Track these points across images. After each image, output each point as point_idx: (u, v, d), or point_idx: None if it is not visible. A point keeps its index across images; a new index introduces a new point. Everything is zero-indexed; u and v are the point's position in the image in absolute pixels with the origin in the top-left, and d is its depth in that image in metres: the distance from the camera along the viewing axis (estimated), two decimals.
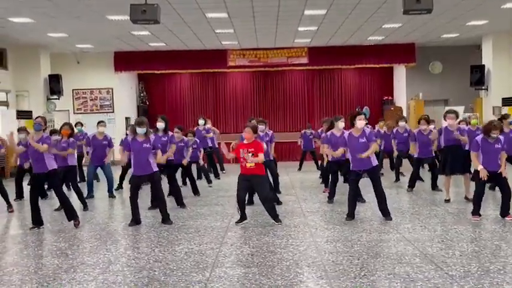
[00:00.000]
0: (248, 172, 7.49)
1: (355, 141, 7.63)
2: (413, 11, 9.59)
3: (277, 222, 7.55)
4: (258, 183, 7.55)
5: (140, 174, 7.73)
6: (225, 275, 5.17)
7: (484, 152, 7.42)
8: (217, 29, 15.19)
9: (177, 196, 9.33)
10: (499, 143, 7.40)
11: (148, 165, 7.69)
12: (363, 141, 7.60)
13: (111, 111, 19.14)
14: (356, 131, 7.67)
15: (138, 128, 7.72)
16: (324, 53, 18.96)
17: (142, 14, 9.48)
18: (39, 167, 7.69)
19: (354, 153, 7.60)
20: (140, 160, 7.67)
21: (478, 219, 7.45)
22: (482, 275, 4.95)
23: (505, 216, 7.41)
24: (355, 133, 7.67)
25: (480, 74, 17.20)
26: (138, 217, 7.84)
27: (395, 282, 4.78)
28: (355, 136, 7.67)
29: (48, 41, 16.18)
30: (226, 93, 21.47)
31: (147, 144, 7.68)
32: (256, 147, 7.50)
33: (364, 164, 7.60)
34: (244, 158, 7.46)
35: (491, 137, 7.35)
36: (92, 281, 5.07)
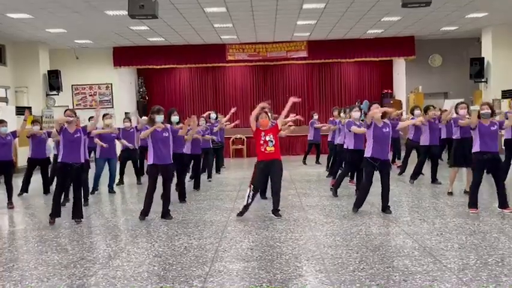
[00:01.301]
0: (268, 157, 7.48)
1: (380, 130, 7.62)
2: (412, 4, 9.60)
3: (277, 216, 7.57)
4: (275, 172, 7.53)
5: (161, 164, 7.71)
6: (224, 269, 5.19)
7: (481, 135, 7.50)
8: (216, 24, 15.17)
9: (182, 190, 9.35)
10: (494, 125, 7.53)
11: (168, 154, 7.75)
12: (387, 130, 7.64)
13: (110, 106, 19.12)
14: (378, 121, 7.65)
15: (157, 116, 7.70)
16: (323, 47, 18.95)
17: (141, 9, 9.47)
18: (75, 157, 7.64)
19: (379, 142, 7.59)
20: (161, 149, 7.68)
21: (477, 211, 7.47)
22: (480, 267, 4.97)
23: (504, 209, 7.45)
24: (379, 123, 7.66)
25: (480, 67, 17.18)
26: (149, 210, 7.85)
27: (394, 275, 4.80)
28: (379, 126, 7.65)
29: (46, 37, 16.17)
30: (226, 88, 21.45)
31: (166, 133, 7.73)
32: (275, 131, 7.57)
33: (384, 154, 7.61)
34: (266, 141, 7.44)
35: (484, 114, 7.45)
36: (92, 276, 5.09)
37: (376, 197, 8.06)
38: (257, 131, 7.58)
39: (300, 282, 4.76)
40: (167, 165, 7.78)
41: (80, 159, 7.70)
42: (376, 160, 7.63)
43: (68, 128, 7.68)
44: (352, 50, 19.06)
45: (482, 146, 7.49)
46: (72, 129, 7.71)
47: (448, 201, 8.50)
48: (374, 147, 7.64)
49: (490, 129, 7.51)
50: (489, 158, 7.46)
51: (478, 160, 7.57)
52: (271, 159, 7.50)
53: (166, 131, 7.80)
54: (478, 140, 7.54)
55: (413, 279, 4.68)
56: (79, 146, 7.69)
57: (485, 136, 7.49)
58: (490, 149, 7.47)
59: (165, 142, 7.74)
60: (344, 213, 7.77)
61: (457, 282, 4.57)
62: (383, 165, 7.66)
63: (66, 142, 7.64)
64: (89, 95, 19.34)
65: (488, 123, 7.53)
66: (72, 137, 7.65)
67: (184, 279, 4.92)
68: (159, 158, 7.71)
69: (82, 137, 7.78)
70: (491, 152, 7.47)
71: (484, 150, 7.47)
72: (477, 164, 7.60)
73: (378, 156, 7.61)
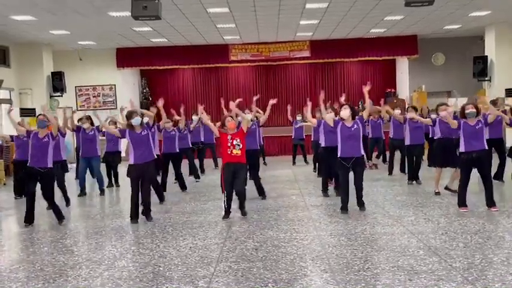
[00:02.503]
0: (234, 160, 7.55)
1: (347, 129, 7.73)
2: (415, 3, 9.60)
3: (244, 215, 7.65)
4: (240, 175, 7.61)
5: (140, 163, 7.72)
6: (229, 269, 5.20)
7: (466, 135, 7.53)
8: (218, 24, 15.18)
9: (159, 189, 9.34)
10: (479, 123, 7.53)
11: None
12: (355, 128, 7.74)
13: (114, 107, 19.16)
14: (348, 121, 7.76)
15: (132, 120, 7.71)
16: (326, 46, 18.94)
17: (144, 10, 9.50)
18: (44, 161, 7.69)
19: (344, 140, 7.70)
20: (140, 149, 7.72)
21: (467, 209, 7.51)
22: (485, 266, 4.97)
23: (491, 207, 7.50)
24: (347, 123, 7.75)
25: (483, 65, 17.14)
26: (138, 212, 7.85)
27: (399, 275, 4.80)
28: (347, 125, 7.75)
29: (50, 39, 16.22)
30: (229, 88, 21.44)
31: (144, 132, 7.77)
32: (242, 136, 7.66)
33: (354, 152, 7.68)
34: (233, 144, 7.52)
35: (468, 113, 7.48)
36: (98, 277, 5.11)
37: (380, 196, 8.06)
38: (223, 135, 7.65)
39: (305, 282, 4.77)
40: (148, 163, 7.76)
41: (47, 164, 7.71)
42: (346, 159, 7.67)
43: (39, 133, 7.75)
44: (355, 50, 19.05)
45: (466, 146, 7.53)
46: (43, 134, 7.76)
47: (452, 201, 8.47)
48: (342, 147, 7.73)
49: (474, 128, 7.53)
50: (475, 157, 7.47)
51: (464, 160, 7.60)
52: (237, 162, 7.55)
53: (145, 130, 7.81)
54: (462, 140, 7.59)
55: (419, 278, 4.68)
56: (46, 151, 7.71)
57: (470, 136, 7.51)
58: (475, 148, 7.47)
59: (144, 141, 7.74)
60: (348, 213, 7.76)
61: (462, 281, 4.57)
62: (354, 164, 7.70)
63: (34, 146, 7.73)
64: (93, 96, 19.40)
65: (474, 122, 7.55)
66: (40, 142, 7.70)
67: (189, 279, 4.93)
68: (139, 158, 7.71)
69: (50, 141, 7.81)
70: (476, 151, 7.47)
71: (468, 150, 7.50)
72: (462, 164, 7.64)
73: (347, 155, 7.66)
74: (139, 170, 7.72)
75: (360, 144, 7.80)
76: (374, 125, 12.92)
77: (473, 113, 7.54)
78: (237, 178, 7.61)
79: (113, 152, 11.56)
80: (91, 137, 10.60)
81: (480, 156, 7.49)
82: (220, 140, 7.78)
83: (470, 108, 7.57)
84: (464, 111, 7.60)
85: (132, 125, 7.72)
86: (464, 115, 7.59)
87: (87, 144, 10.60)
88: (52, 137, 7.83)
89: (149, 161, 7.79)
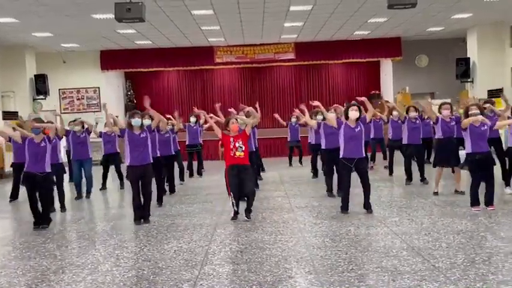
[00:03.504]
0: (237, 162, 7.53)
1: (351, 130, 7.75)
2: (398, 6, 9.67)
3: (248, 217, 7.59)
4: (246, 177, 7.58)
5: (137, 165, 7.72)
6: (214, 272, 5.19)
7: (472, 135, 7.57)
8: (203, 26, 15.17)
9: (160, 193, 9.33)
10: (484, 125, 7.58)
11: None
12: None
13: (98, 110, 19.03)
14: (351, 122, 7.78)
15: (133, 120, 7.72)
16: (310, 49, 19.03)
17: (127, 12, 9.45)
18: (41, 166, 7.64)
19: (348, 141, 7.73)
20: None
21: (479, 209, 7.54)
22: (468, 266, 5.01)
23: (488, 206, 7.57)
24: (351, 123, 7.77)
25: (465, 67, 17.34)
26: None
27: (382, 275, 4.83)
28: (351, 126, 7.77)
29: (33, 41, 16.07)
30: (214, 90, 21.44)
31: (143, 135, 7.75)
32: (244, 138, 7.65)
33: (357, 153, 7.70)
34: (236, 146, 7.50)
35: (473, 114, 7.50)
36: (81, 282, 5.06)
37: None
38: (225, 137, 7.65)
39: (289, 284, 4.77)
40: (146, 166, 7.75)
41: (45, 169, 7.66)
42: (349, 160, 7.70)
43: (35, 138, 7.68)
44: (339, 52, 19.16)
45: (474, 147, 7.58)
46: (39, 139, 7.69)
47: (435, 201, 8.56)
48: (345, 147, 7.75)
49: (480, 130, 7.58)
50: (481, 158, 7.54)
51: (471, 161, 7.66)
52: (241, 164, 7.54)
53: (144, 132, 7.79)
54: (469, 141, 7.62)
55: (402, 279, 4.71)
56: (44, 155, 7.66)
57: (477, 137, 7.56)
58: (482, 149, 7.55)
59: (142, 143, 7.72)
60: (333, 214, 7.80)
61: (444, 281, 4.61)
62: (358, 164, 7.72)
63: (31, 152, 7.67)
64: (77, 98, 19.25)
65: (479, 123, 7.59)
66: (37, 147, 7.65)
67: (173, 283, 4.91)
68: (136, 160, 7.69)
69: (48, 146, 7.74)
70: (482, 153, 7.55)
71: (476, 151, 7.56)
72: (471, 165, 7.70)
73: (350, 156, 7.70)
74: (138, 172, 7.71)
75: (363, 145, 7.83)
76: (376, 125, 12.80)
77: (478, 114, 7.57)
78: (245, 180, 7.59)
79: (113, 154, 11.59)
80: (82, 139, 10.55)
81: (486, 157, 7.56)
82: (223, 142, 7.78)
83: (474, 109, 7.58)
84: (468, 112, 7.62)
85: (132, 124, 7.71)
86: (467, 114, 7.62)
87: (78, 147, 10.55)
88: (49, 141, 7.78)
89: (146, 164, 7.75)
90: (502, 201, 8.37)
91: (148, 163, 7.79)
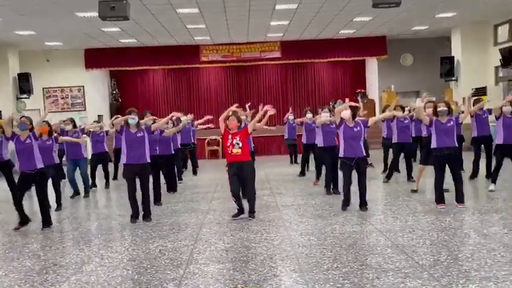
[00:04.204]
0: (235, 159, 7.51)
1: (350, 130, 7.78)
2: (383, 5, 9.73)
3: (252, 217, 7.58)
4: (246, 175, 7.56)
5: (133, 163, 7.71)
6: (199, 271, 5.18)
7: (438, 132, 7.68)
8: (188, 25, 15.11)
9: (157, 193, 9.31)
10: (451, 121, 7.70)
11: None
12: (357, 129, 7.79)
13: (82, 109, 18.91)
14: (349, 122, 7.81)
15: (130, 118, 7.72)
16: (296, 47, 19.05)
17: (112, 10, 9.39)
18: (29, 164, 7.54)
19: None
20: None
21: (444, 206, 7.66)
22: (451, 262, 5.06)
23: (459, 203, 7.67)
24: (349, 123, 7.80)
25: (450, 65, 17.50)
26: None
27: (367, 273, 4.86)
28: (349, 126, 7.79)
29: (16, 39, 15.88)
30: (200, 89, 21.41)
31: (140, 134, 7.74)
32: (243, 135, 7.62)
33: (357, 152, 7.75)
34: (233, 144, 7.48)
35: (440, 112, 7.65)
36: (65, 282, 5.02)
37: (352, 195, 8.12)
38: (225, 132, 7.63)
39: (274, 282, 4.78)
40: (143, 164, 7.73)
41: (36, 165, 7.56)
42: (349, 159, 7.73)
43: (20, 136, 7.60)
44: (325, 50, 19.21)
45: (438, 142, 7.69)
46: (24, 136, 7.61)
47: (420, 199, 8.63)
48: (345, 147, 7.79)
49: (446, 126, 7.69)
50: (447, 153, 7.62)
51: (436, 156, 7.75)
52: (239, 161, 7.51)
53: (141, 131, 7.77)
54: (434, 137, 7.74)
55: (386, 276, 4.74)
56: (32, 152, 7.55)
57: (442, 132, 7.67)
58: (447, 144, 7.63)
59: (139, 142, 7.71)
60: (318, 213, 7.83)
61: (428, 278, 4.64)
62: (357, 163, 7.76)
63: (18, 150, 7.59)
64: (61, 97, 19.07)
65: (445, 120, 7.71)
66: (23, 144, 7.55)
67: (158, 282, 4.89)
68: (132, 158, 7.68)
69: (33, 142, 7.62)
70: (447, 148, 7.62)
71: (440, 146, 7.66)
72: (435, 160, 7.79)
73: (350, 155, 7.73)
74: (134, 170, 7.71)
75: (361, 145, 7.84)
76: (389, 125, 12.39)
77: (445, 111, 7.68)
78: (245, 180, 7.59)
79: (101, 153, 11.58)
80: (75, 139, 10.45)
81: (451, 153, 7.63)
82: (222, 139, 7.80)
83: (442, 106, 7.72)
84: (436, 109, 7.75)
85: (128, 122, 7.72)
86: (436, 113, 7.75)
87: (72, 146, 10.46)
88: (34, 138, 7.65)
89: (142, 163, 7.72)
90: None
91: (145, 162, 7.76)
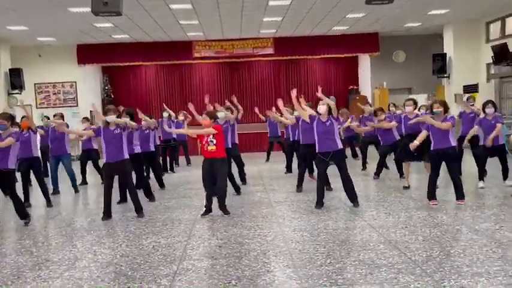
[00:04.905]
0: (209, 155, 7.60)
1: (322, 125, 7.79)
2: (376, 1, 9.73)
3: (226, 213, 7.60)
4: (218, 168, 7.60)
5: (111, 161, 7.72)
6: (192, 267, 5.18)
7: (433, 133, 7.71)
8: (181, 20, 15.07)
9: (146, 187, 9.30)
10: (445, 121, 7.68)
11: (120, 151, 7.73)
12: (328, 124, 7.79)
13: (75, 105, 18.81)
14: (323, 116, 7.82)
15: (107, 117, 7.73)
16: (289, 44, 19.05)
17: (104, 5, 9.30)
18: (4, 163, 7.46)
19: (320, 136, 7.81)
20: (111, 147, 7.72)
21: (436, 202, 7.71)
22: (443, 258, 5.10)
23: (457, 200, 7.72)
24: (323, 118, 7.82)
25: (442, 63, 17.56)
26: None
27: (360, 269, 4.88)
28: (322, 121, 7.82)
29: (7, 34, 15.76)
30: (193, 85, 21.34)
31: (117, 131, 7.73)
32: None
33: (332, 146, 7.74)
34: (207, 141, 7.58)
35: (435, 113, 7.67)
36: (58, 278, 5.01)
37: (342, 192, 8.17)
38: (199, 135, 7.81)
39: (268, 278, 4.79)
40: (122, 161, 7.72)
41: (7, 165, 7.48)
42: (324, 154, 7.76)
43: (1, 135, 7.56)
44: (318, 47, 19.21)
45: (434, 144, 7.72)
46: (5, 135, 7.55)
47: (412, 195, 8.68)
48: (319, 142, 7.82)
49: None
50: (442, 153, 7.64)
51: (431, 155, 7.80)
52: (212, 157, 7.58)
53: (118, 128, 7.76)
54: (431, 138, 7.77)
55: (379, 272, 4.77)
56: (8, 152, 7.46)
57: (437, 133, 7.68)
58: (442, 145, 7.64)
59: (116, 139, 7.70)
60: (311, 209, 7.84)
61: (420, 273, 4.68)
62: (334, 157, 7.77)
63: None
64: (53, 93, 18.96)
65: (441, 120, 7.71)
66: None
67: (152, 278, 4.89)
68: (111, 156, 7.69)
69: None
70: (443, 149, 7.64)
71: (436, 147, 7.68)
72: (431, 159, 7.86)
73: (324, 149, 7.75)
74: (112, 168, 7.72)
75: (336, 138, 7.80)
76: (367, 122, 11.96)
77: (440, 112, 7.69)
78: (216, 175, 7.60)
79: (91, 150, 11.64)
80: (60, 135, 10.38)
81: (446, 153, 7.65)
82: (199, 137, 7.84)
83: (437, 107, 7.71)
84: (432, 110, 7.78)
85: (107, 121, 7.73)
86: (432, 111, 7.79)
87: (56, 142, 10.42)
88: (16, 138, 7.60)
89: (121, 160, 7.71)
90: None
91: (123, 159, 7.74)
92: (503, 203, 7.73)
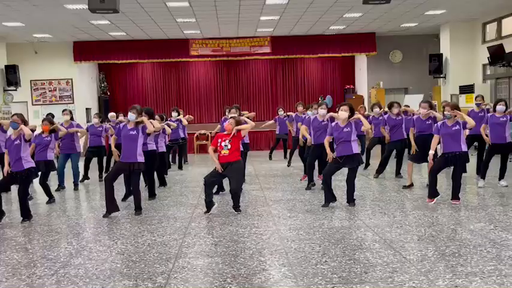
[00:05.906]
0: (222, 160, 7.60)
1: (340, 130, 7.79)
2: (373, 1, 9.74)
3: (238, 211, 7.63)
4: (231, 170, 7.60)
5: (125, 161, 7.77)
6: (188, 265, 5.19)
7: (442, 136, 7.73)
8: (178, 18, 15.04)
9: (151, 186, 9.31)
10: (457, 125, 7.68)
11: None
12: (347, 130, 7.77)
13: (71, 102, 18.76)
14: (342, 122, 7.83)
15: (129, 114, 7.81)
16: (286, 43, 19.04)
17: (101, 2, 9.29)
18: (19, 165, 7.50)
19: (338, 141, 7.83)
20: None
21: (433, 201, 7.75)
22: (438, 258, 5.12)
23: (453, 200, 7.74)
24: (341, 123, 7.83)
25: (438, 63, 17.60)
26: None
27: (355, 268, 4.90)
28: (340, 126, 7.82)
29: (3, 31, 15.71)
30: (189, 83, 21.33)
31: (134, 132, 7.74)
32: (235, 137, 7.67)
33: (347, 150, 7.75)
34: (221, 146, 7.60)
35: (447, 116, 7.68)
36: (53, 275, 5.01)
37: (339, 191, 8.19)
38: (216, 135, 7.86)
39: (263, 276, 4.80)
40: (132, 163, 7.73)
41: (23, 167, 7.50)
42: (339, 157, 7.79)
43: (12, 135, 7.57)
44: (315, 46, 19.21)
45: (444, 147, 7.74)
46: (15, 135, 7.57)
47: (407, 195, 8.71)
48: (336, 146, 7.88)
49: (451, 129, 7.68)
50: (453, 157, 7.66)
51: (442, 160, 7.80)
52: (226, 162, 7.61)
53: (135, 129, 7.75)
54: (442, 142, 7.79)
55: (374, 271, 4.79)
56: (19, 153, 7.49)
57: (447, 136, 7.69)
58: (452, 149, 7.65)
59: (130, 139, 7.72)
60: (307, 207, 7.86)
61: (415, 273, 4.69)
62: (347, 161, 7.78)
63: (8, 150, 7.61)
64: (49, 90, 18.89)
65: (451, 123, 7.71)
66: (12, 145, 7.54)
67: (147, 276, 4.89)
68: (124, 155, 7.76)
69: (22, 144, 7.54)
70: (452, 152, 7.65)
71: (446, 151, 7.70)
72: (440, 163, 7.85)
73: (339, 154, 7.80)
74: (121, 168, 7.82)
75: (351, 144, 7.77)
76: (376, 123, 11.83)
77: (451, 116, 7.67)
78: (229, 178, 7.68)
79: (98, 147, 11.64)
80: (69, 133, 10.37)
81: (457, 157, 7.65)
82: (213, 141, 7.89)
83: (448, 109, 7.69)
84: (444, 113, 7.79)
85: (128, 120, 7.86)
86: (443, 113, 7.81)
87: (66, 139, 10.36)
88: (24, 139, 7.56)
89: (131, 162, 7.71)
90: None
91: (134, 161, 7.72)
92: (498, 203, 7.77)
